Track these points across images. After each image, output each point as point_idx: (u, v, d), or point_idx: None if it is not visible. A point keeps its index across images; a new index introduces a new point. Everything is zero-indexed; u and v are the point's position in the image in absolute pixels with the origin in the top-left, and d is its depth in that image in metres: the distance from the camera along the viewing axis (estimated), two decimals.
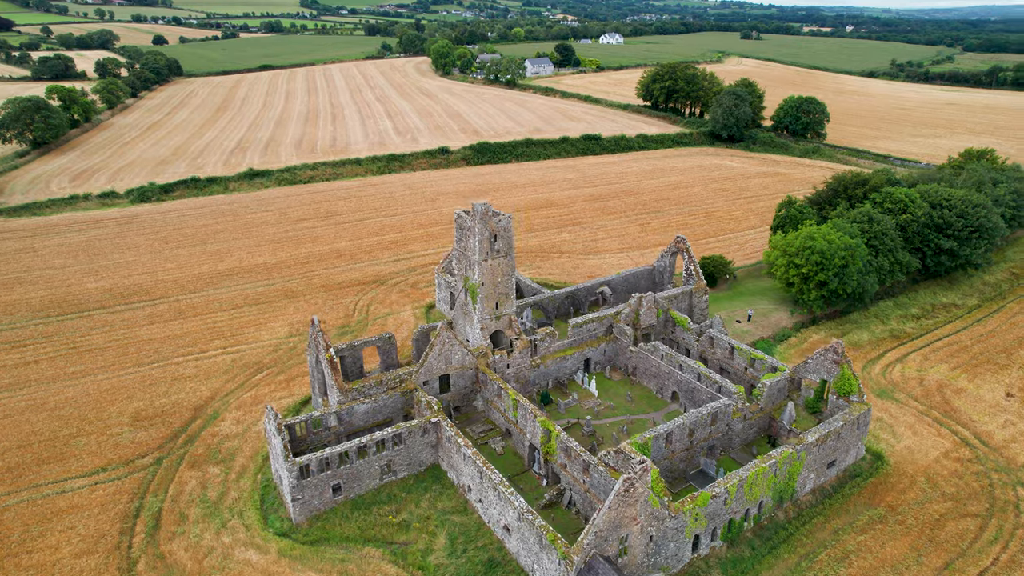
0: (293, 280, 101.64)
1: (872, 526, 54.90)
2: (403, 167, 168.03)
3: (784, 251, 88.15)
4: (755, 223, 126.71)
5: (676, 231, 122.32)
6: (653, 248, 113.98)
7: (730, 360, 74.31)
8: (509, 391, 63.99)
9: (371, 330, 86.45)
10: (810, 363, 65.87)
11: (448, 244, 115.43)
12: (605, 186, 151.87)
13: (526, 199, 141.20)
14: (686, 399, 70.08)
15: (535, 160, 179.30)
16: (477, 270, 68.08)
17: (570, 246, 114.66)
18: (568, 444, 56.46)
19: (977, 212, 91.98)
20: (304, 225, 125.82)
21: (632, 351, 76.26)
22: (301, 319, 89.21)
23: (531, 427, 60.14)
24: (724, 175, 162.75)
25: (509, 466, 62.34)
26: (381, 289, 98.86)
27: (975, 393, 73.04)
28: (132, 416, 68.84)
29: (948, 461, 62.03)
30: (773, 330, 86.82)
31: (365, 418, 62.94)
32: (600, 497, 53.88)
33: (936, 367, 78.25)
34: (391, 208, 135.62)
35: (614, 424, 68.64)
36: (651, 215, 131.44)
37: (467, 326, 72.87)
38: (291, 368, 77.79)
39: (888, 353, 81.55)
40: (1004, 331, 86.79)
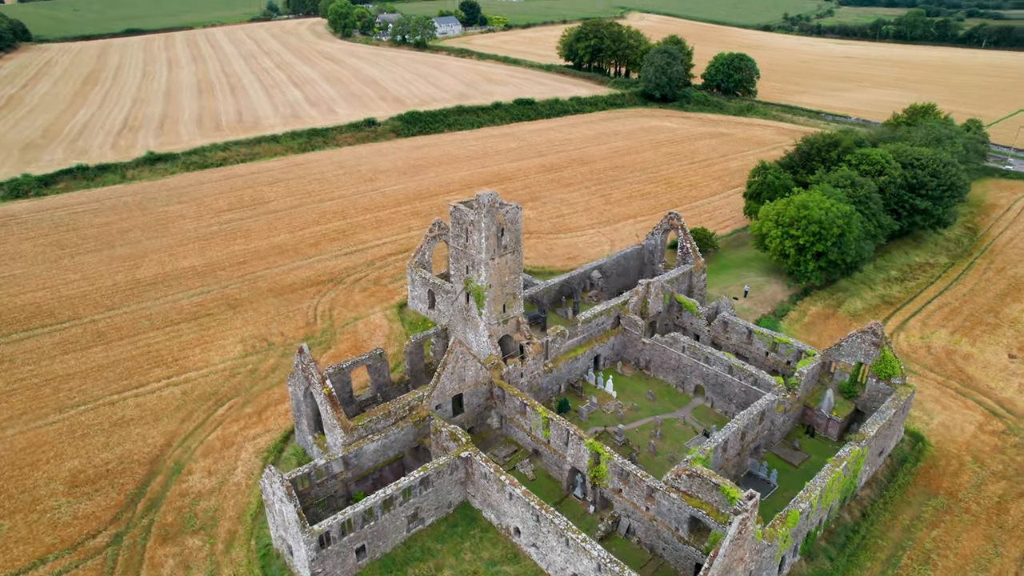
0: (233, 285, 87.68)
1: (940, 518, 52.39)
2: (327, 143, 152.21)
3: (776, 221, 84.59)
4: (716, 188, 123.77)
5: (639, 201, 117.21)
6: (622, 221, 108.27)
7: (748, 345, 69.98)
8: (539, 408, 56.22)
9: (341, 340, 75.40)
10: (844, 346, 62.36)
11: (403, 231, 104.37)
12: (553, 155, 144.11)
13: (473, 174, 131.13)
14: (714, 393, 65.13)
15: (468, 129, 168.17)
16: (484, 271, 59.05)
17: (536, 225, 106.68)
18: (624, 467, 49.79)
19: (948, 171, 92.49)
20: (229, 217, 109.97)
21: (645, 343, 70.28)
22: (254, 332, 76.53)
23: (574, 449, 52.89)
24: (669, 138, 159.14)
25: (544, 491, 55.05)
26: (340, 289, 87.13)
27: (981, 357, 73.03)
28: (67, 481, 55.33)
29: (986, 436, 60.88)
30: (772, 305, 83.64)
31: (375, 457, 53.31)
32: (670, 524, 47.86)
33: (936, 332, 77.90)
34: (326, 191, 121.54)
35: (643, 428, 62.69)
36: (609, 185, 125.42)
37: (469, 333, 63.95)
38: (258, 397, 65.96)
39: (888, 321, 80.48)
40: (983, 289, 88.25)
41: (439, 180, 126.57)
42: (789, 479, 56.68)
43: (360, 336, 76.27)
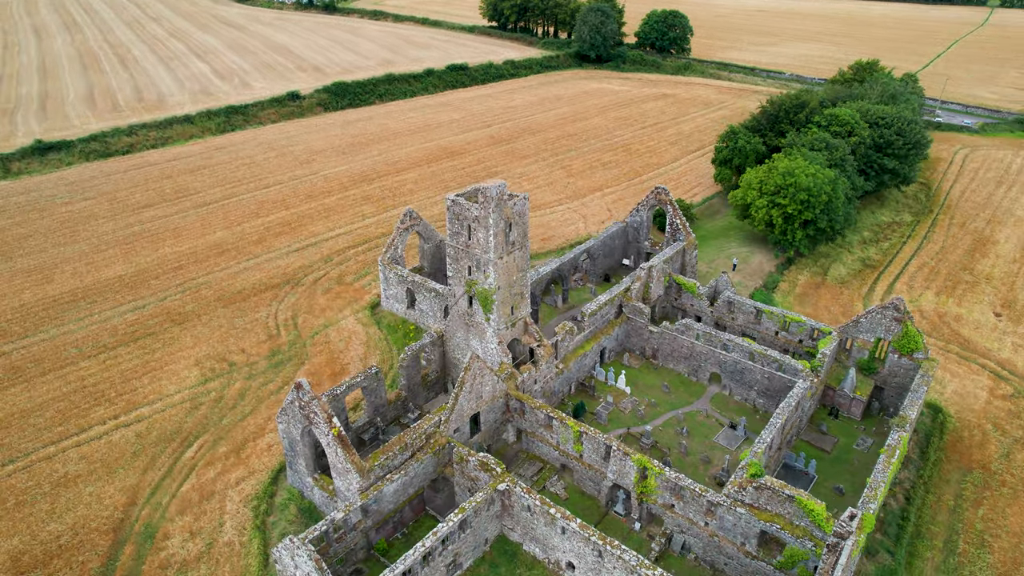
0: (172, 296, 76.23)
1: (981, 495, 51.61)
2: (248, 121, 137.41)
3: (760, 190, 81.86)
4: (675, 154, 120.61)
5: (602, 172, 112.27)
6: (590, 195, 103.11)
7: (756, 326, 67.11)
8: (569, 422, 50.83)
9: (313, 353, 66.76)
10: (863, 322, 60.30)
11: (356, 220, 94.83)
12: (499, 125, 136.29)
13: (419, 149, 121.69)
14: (732, 380, 61.91)
15: (402, 99, 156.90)
16: (492, 271, 52.31)
17: None
18: (679, 482, 45.49)
19: (912, 129, 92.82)
20: (152, 214, 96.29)
21: (653, 332, 66.05)
22: (209, 352, 66.48)
23: (617, 465, 48.03)
24: (614, 101, 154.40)
25: (579, 510, 50.16)
26: (299, 291, 77.58)
27: (970, 318, 73.78)
28: (8, 568, 45.24)
29: (999, 401, 61.00)
30: (761, 277, 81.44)
31: (395, 499, 46.42)
32: (735, 540, 44.19)
33: (923, 295, 78.20)
34: (258, 177, 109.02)
35: (666, 425, 58.74)
36: (567, 155, 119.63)
37: (473, 340, 57.29)
38: (230, 431, 56.92)
39: (876, 286, 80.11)
40: (952, 246, 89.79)
41: (384, 159, 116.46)
42: (824, 466, 54.54)
43: (335, 347, 67.85)
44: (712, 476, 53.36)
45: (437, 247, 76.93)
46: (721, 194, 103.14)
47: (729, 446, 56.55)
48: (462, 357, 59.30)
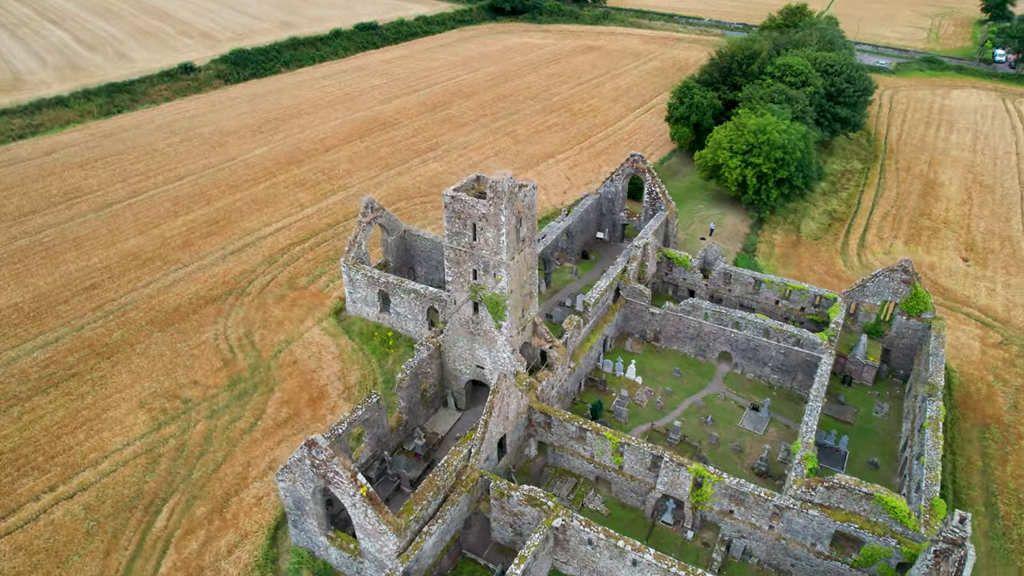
0: (91, 323, 64.10)
1: (1004, 451, 52.03)
2: (136, 101, 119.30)
3: (731, 149, 78.88)
4: (619, 111, 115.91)
5: (549, 136, 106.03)
6: (543, 163, 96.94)
7: (754, 296, 64.69)
8: (607, 433, 46.12)
9: (282, 377, 58.02)
10: (870, 286, 58.93)
11: (295, 211, 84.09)
12: (427, 89, 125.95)
13: (345, 123, 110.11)
14: (743, 358, 59.32)
15: (310, 65, 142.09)
16: (504, 273, 45.89)
17: (451, 180, 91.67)
18: (741, 488, 42.17)
19: (860, 75, 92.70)
20: (40, 222, 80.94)
21: (655, 313, 62.12)
22: (156, 389, 56.21)
23: (669, 476, 44.03)
24: (542, 57, 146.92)
25: (623, 525, 46.21)
26: (247, 302, 67.49)
27: (943, 265, 75.08)
28: None
29: (992, 350, 62.08)
30: (739, 240, 79.29)
31: (434, 551, 40.31)
32: (804, 541, 41.63)
33: (893, 245, 78.88)
34: (166, 168, 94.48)
35: (687, 414, 55.46)
36: (507, 119, 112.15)
37: (480, 350, 50.93)
38: (206, 486, 48.10)
39: (849, 240, 79.97)
40: (906, 192, 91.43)
41: (308, 136, 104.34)
42: (850, 438, 53.27)
43: (305, 366, 59.30)
44: (750, 467, 50.74)
45: (401, 238, 68.94)
46: (678, 153, 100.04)
47: (756, 430, 54.12)
48: (464, 368, 52.97)
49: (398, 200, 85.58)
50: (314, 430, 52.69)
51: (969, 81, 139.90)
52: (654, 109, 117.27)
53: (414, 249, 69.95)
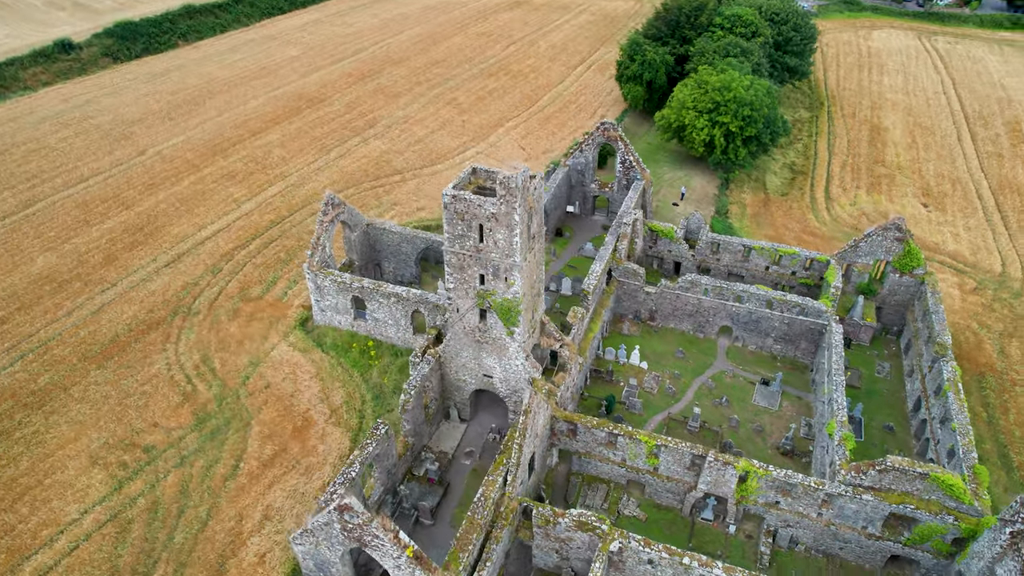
0: (8, 366, 54.22)
1: (1003, 400, 53.14)
2: (7, 88, 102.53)
3: (696, 108, 76.05)
4: (561, 71, 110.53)
5: (494, 103, 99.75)
6: (494, 133, 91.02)
7: (743, 264, 63.04)
8: (642, 436, 43.11)
9: (258, 407, 51.38)
10: (863, 246, 58.22)
11: (230, 209, 74.88)
12: (351, 58, 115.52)
13: (268, 101, 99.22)
14: (745, 331, 57.72)
15: (211, 36, 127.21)
16: (518, 277, 41.24)
17: (399, 159, 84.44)
18: (789, 480, 40.44)
19: (806, 22, 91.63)
20: None
21: (650, 292, 59.26)
22: (107, 439, 48.29)
23: (714, 476, 41.71)
24: (466, 14, 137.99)
25: (663, 528, 43.99)
26: (197, 322, 59.37)
27: (906, 213, 76.10)
28: None
29: (971, 296, 63.40)
30: (710, 203, 77.38)
31: None
32: (855, 525, 40.62)
33: (857, 195, 79.30)
34: (65, 168, 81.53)
35: (699, 396, 53.47)
36: (446, 87, 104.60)
37: (488, 359, 46.39)
38: (195, 550, 41.55)
39: (815, 194, 79.68)
40: (856, 139, 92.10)
41: (229, 119, 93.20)
42: (862, 404, 53.06)
43: (281, 390, 52.76)
44: (774, 446, 49.47)
45: (365, 233, 62.43)
46: (631, 113, 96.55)
47: (771, 406, 52.88)
48: (469, 379, 48.37)
49: (346, 187, 77.89)
50: (308, 466, 46.91)
51: (886, 21, 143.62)
52: (595, 66, 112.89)
53: (380, 244, 63.63)
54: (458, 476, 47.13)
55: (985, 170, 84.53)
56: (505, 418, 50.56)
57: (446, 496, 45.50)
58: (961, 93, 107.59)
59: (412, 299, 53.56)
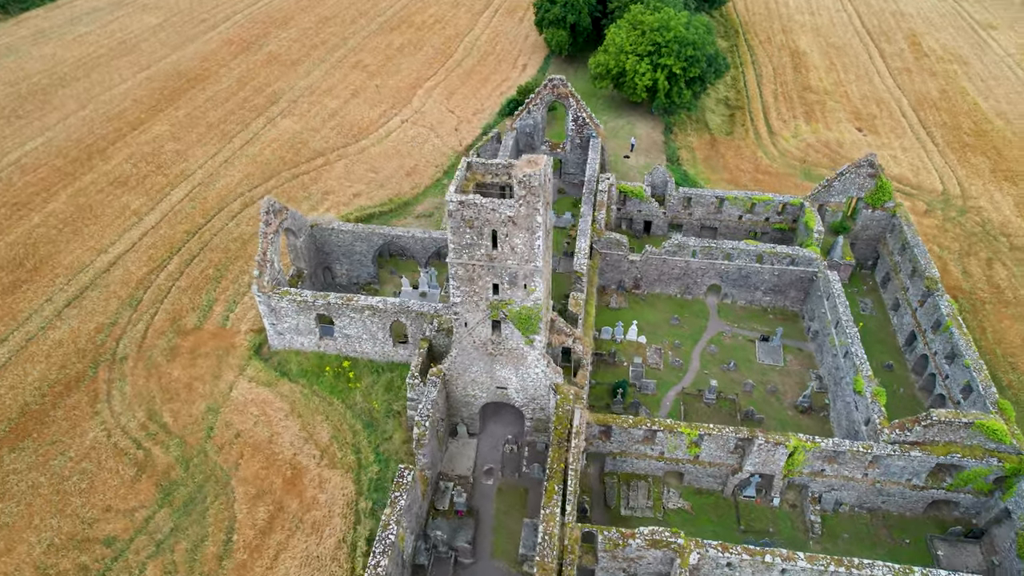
0: None
1: (979, 321, 55.11)
2: None
3: (635, 52, 71.82)
4: (467, 19, 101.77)
5: (406, 61, 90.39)
6: (414, 96, 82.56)
7: (716, 215, 61.21)
8: (683, 428, 40.48)
9: (232, 461, 44.04)
10: (836, 185, 57.52)
11: (130, 225, 63.26)
12: (228, 23, 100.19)
13: (140, 84, 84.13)
14: (734, 287, 56.22)
15: (40, 6, 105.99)
16: (540, 282, 36.40)
17: (316, 139, 74.64)
18: (837, 449, 39.54)
19: None
20: None
21: (634, 261, 56.07)
22: (50, 539, 39.64)
23: (762, 457, 40.04)
24: None
25: (707, 510, 42.41)
26: (129, 370, 49.82)
27: (846, 140, 76.92)
28: None
29: (924, 219, 65.14)
30: (659, 151, 74.49)
31: None
32: (900, 479, 40.64)
33: (797, 126, 79.11)
34: None
35: (703, 364, 51.75)
36: (346, 49, 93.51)
37: (501, 369, 41.66)
38: None
39: (758, 129, 78.63)
40: (780, 68, 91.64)
41: (98, 112, 78.12)
42: None
43: (256, 438, 45.50)
44: (792, 405, 48.80)
45: (311, 237, 54.52)
46: (555, 59, 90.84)
47: (775, 363, 52.07)
48: (480, 393, 43.59)
49: (264, 180, 67.93)
50: (313, 522, 40.86)
51: None
52: (502, 10, 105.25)
53: (329, 246, 55.94)
54: (485, 500, 42.89)
55: (901, 87, 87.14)
56: (518, 424, 46.49)
57: (479, 527, 41.30)
58: (859, 8, 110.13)
59: (391, 310, 47.26)
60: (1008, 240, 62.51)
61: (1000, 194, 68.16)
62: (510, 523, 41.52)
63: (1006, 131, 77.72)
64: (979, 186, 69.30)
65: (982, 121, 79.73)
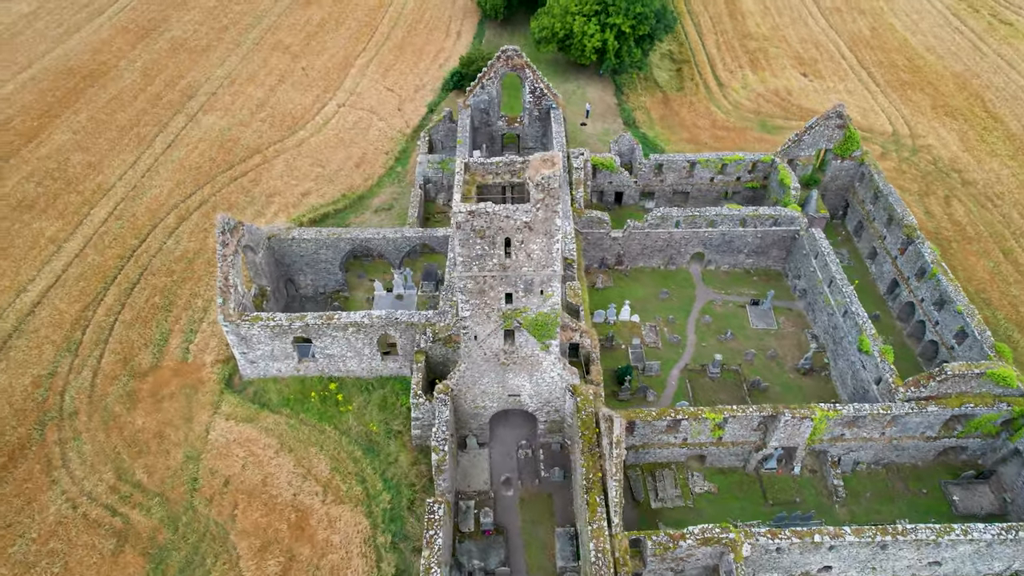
0: None
1: (949, 262, 56.57)
2: None
3: (581, 12, 68.37)
4: None
5: (328, 39, 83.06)
6: (347, 76, 76.15)
7: (688, 180, 59.83)
8: (708, 413, 39.35)
9: (227, 512, 39.88)
10: (806, 139, 57.02)
11: (52, 250, 55.44)
12: (116, 6, 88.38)
13: (27, 87, 73.05)
14: (717, 253, 55.32)
15: None
16: (558, 286, 33.76)
17: (248, 135, 67.62)
18: (858, 413, 39.54)
19: None
20: None
21: (617, 237, 54.06)
22: None
23: (788, 431, 39.56)
24: None
25: (731, 488, 42.05)
26: (84, 426, 43.96)
27: (793, 86, 76.74)
28: None
29: (881, 162, 65.90)
30: (614, 115, 72.07)
31: None
32: (915, 433, 41.32)
33: (745, 76, 78.15)
34: None
35: (700, 336, 50.91)
36: (261, 29, 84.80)
37: (514, 377, 39.13)
38: None
39: (708, 83, 77.18)
40: (716, 15, 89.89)
41: None
42: None
43: (246, 482, 41.31)
44: (794, 368, 48.80)
45: (269, 249, 49.45)
46: (489, 23, 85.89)
47: (769, 326, 51.89)
48: (491, 403, 41.08)
49: (197, 187, 61.03)
50: (332, 567, 37.60)
51: None
52: None
53: (290, 257, 51.04)
54: (508, 513, 40.76)
55: (835, 28, 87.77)
56: (527, 426, 44.30)
57: (508, 543, 39.25)
58: None
59: (377, 324, 43.46)
60: (960, 176, 64.40)
61: (944, 130, 70.04)
62: (540, 534, 39.68)
63: (937, 66, 79.77)
64: (924, 124, 70.97)
65: (915, 57, 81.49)
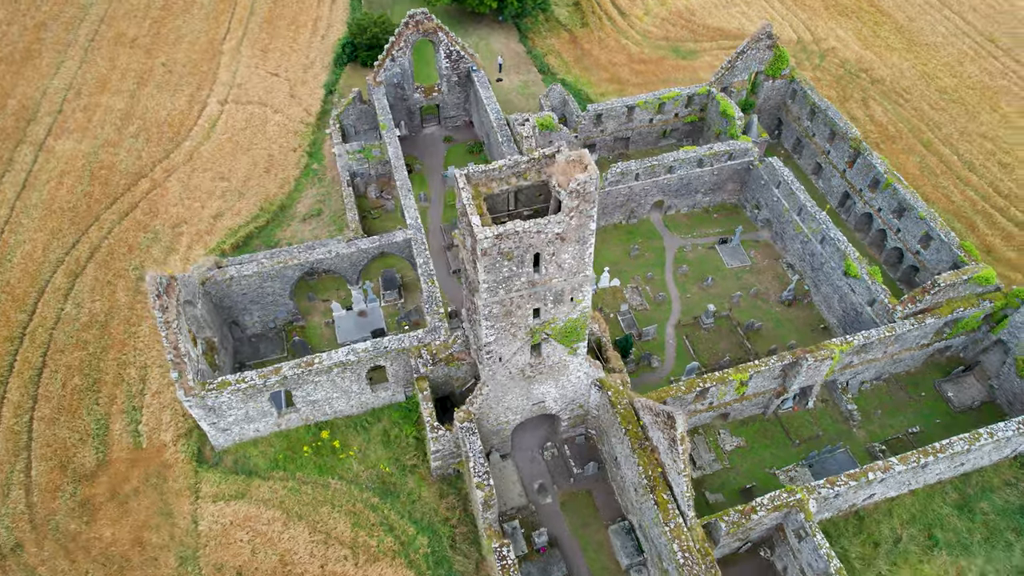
0: None
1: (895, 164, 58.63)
2: None
3: None
4: None
5: (182, 25, 70.83)
6: (223, 71, 65.42)
7: (628, 124, 57.50)
8: (735, 375, 38.55)
9: None
10: (739, 64, 55.86)
11: None
12: None
13: None
14: (676, 198, 54.01)
15: None
16: (589, 290, 30.76)
17: (122, 156, 56.56)
18: (867, 342, 40.33)
19: None
20: None
21: None
22: None
23: (807, 374, 39.70)
24: None
25: (759, 438, 42.37)
26: (33, 560, 36.45)
27: (694, 5, 74.75)
28: None
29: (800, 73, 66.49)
30: (528, 64, 67.47)
31: None
32: (913, 344, 43.01)
33: (644, 1, 75.48)
34: None
35: (680, 288, 50.05)
36: (92, 24, 70.36)
37: (540, 387, 36.35)
38: None
39: (611, 15, 73.55)
40: None
41: None
42: None
43: (264, 567, 36.38)
44: (778, 301, 49.23)
45: (206, 297, 42.38)
46: None
47: (743, 263, 51.87)
48: (514, 416, 38.13)
49: (79, 232, 50.90)
50: None
51: None
52: None
53: (231, 298, 44.19)
54: (555, 522, 38.74)
55: None
56: (544, 425, 41.91)
57: (565, 555, 37.39)
58: None
59: (365, 358, 38.62)
60: (868, 75, 66.35)
61: (842, 31, 71.65)
62: (592, 535, 38.10)
63: None
64: (823, 27, 72.17)
65: None
